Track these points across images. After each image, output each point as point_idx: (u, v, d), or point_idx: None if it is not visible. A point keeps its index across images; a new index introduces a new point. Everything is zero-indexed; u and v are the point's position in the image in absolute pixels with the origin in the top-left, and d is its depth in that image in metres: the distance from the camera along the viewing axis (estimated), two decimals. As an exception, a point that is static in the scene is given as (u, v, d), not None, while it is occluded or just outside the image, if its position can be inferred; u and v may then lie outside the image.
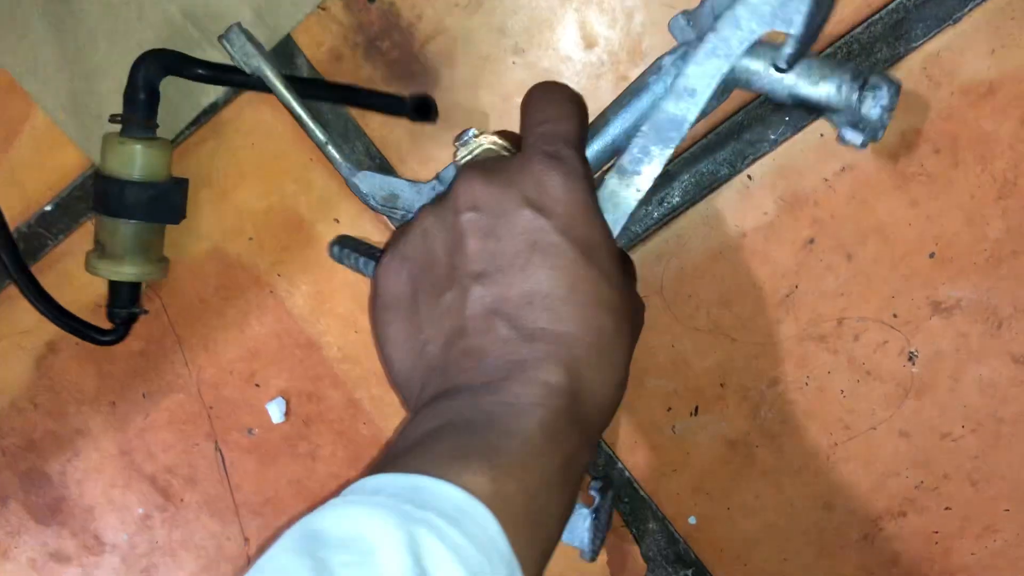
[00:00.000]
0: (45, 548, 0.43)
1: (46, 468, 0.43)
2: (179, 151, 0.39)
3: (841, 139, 0.30)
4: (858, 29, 0.36)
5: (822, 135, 0.37)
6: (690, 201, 0.38)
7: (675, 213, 0.39)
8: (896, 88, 0.29)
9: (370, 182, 0.35)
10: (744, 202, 0.38)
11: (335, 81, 0.37)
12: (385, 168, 0.39)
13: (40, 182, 0.40)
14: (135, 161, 0.35)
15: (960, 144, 0.36)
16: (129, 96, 0.35)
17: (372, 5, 0.37)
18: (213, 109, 0.39)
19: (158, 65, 0.35)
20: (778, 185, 0.38)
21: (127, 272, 0.37)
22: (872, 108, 0.29)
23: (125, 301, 0.39)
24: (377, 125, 0.38)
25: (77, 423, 0.42)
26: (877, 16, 0.36)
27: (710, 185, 0.38)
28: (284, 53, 0.38)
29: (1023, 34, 0.35)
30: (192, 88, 0.37)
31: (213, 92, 0.38)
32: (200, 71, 0.35)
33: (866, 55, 0.36)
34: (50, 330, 0.40)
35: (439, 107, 0.38)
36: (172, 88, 0.37)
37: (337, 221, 0.39)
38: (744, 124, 0.37)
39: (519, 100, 0.32)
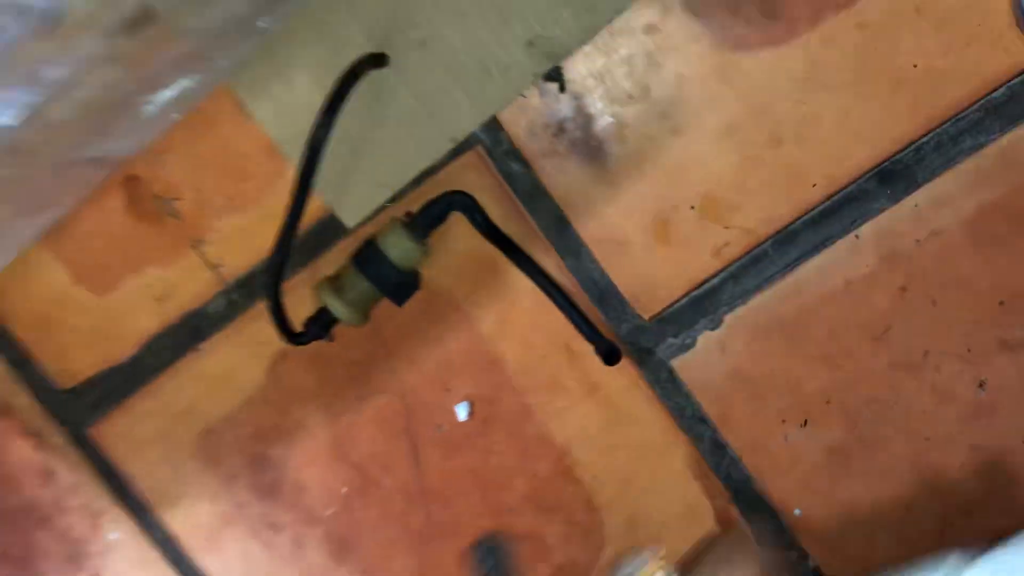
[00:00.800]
0: (264, 519, 0.53)
1: (269, 453, 0.53)
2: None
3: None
4: (947, 124, 0.46)
5: (916, 205, 0.47)
6: (808, 254, 0.48)
7: (795, 264, 0.48)
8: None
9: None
10: (851, 257, 0.48)
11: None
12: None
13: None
14: (405, 253, 0.45)
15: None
16: (428, 209, 0.46)
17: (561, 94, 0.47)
18: (431, 171, 0.49)
19: (460, 204, 0.46)
20: (880, 244, 0.47)
21: (343, 312, 0.47)
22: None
23: (325, 325, 0.49)
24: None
25: (298, 417, 0.52)
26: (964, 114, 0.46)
27: (824, 242, 0.48)
28: (489, 127, 0.48)
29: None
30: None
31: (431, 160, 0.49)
32: (483, 225, 0.46)
33: (952, 143, 0.46)
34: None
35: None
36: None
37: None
38: (854, 195, 0.47)
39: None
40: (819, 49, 0.45)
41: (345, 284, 0.46)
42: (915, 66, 0.45)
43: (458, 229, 0.49)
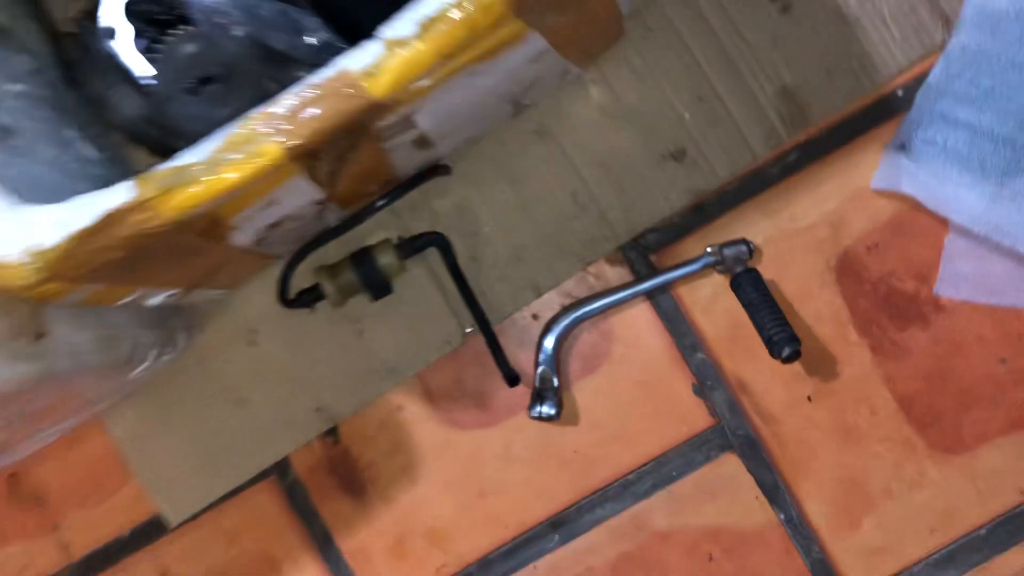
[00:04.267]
0: None
1: None
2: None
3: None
4: (600, 493, 0.66)
5: (575, 549, 0.66)
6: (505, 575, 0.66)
7: (492, 584, 0.66)
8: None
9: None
10: None
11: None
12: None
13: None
14: (389, 265, 0.62)
15: None
16: (414, 239, 0.64)
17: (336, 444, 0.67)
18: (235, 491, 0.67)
19: (439, 242, 0.65)
20: (550, 574, 0.66)
21: (331, 292, 0.63)
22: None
23: (314, 299, 0.64)
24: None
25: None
26: None
27: (512, 569, 0.66)
28: (281, 464, 0.67)
29: None
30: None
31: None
32: (451, 261, 0.66)
33: (600, 506, 0.66)
34: None
35: (366, 505, 0.67)
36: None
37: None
38: (535, 536, 0.66)
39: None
40: (512, 433, 0.66)
41: (339, 273, 0.63)
42: (575, 452, 0.66)
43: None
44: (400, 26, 0.40)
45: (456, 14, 0.40)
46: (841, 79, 0.64)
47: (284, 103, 0.40)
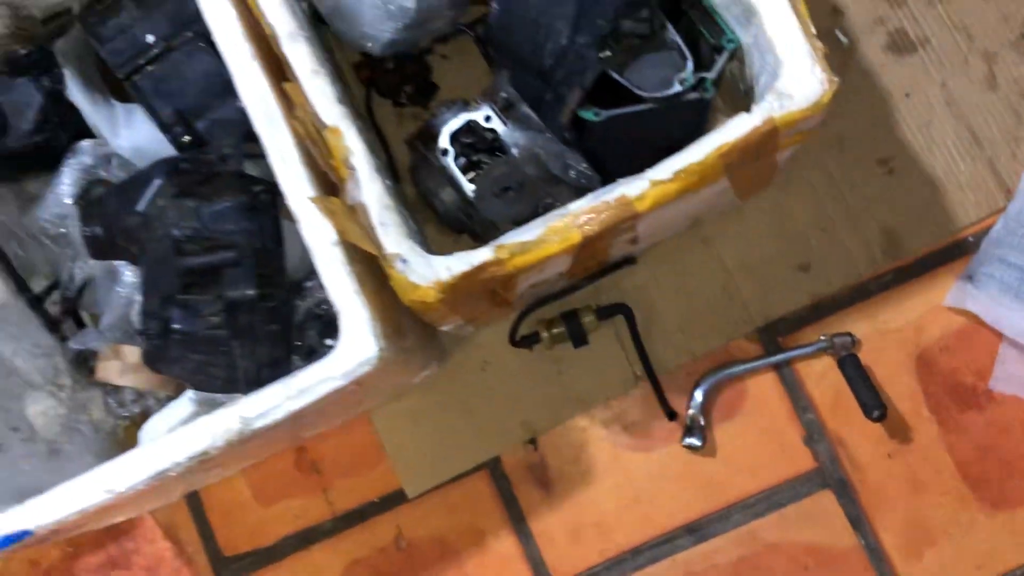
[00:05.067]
0: None
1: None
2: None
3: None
4: None
5: (707, 551, 0.89)
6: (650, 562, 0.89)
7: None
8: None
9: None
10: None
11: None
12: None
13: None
14: (588, 324, 0.89)
15: None
16: (607, 307, 0.90)
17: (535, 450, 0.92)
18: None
19: (625, 311, 0.90)
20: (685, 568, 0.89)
21: (546, 339, 0.89)
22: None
23: (533, 341, 0.90)
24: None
25: (352, 601, 0.91)
26: None
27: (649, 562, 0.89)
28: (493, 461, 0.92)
29: None
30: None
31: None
32: (633, 330, 0.90)
33: (726, 519, 0.89)
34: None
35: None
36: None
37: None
38: (672, 537, 0.90)
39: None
40: (666, 456, 0.90)
41: (553, 326, 0.88)
42: (711, 476, 0.90)
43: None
44: (661, 171, 0.67)
45: (694, 168, 0.66)
46: (928, 225, 0.90)
47: (586, 207, 0.67)
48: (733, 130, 0.66)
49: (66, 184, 0.80)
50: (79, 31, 0.82)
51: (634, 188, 0.67)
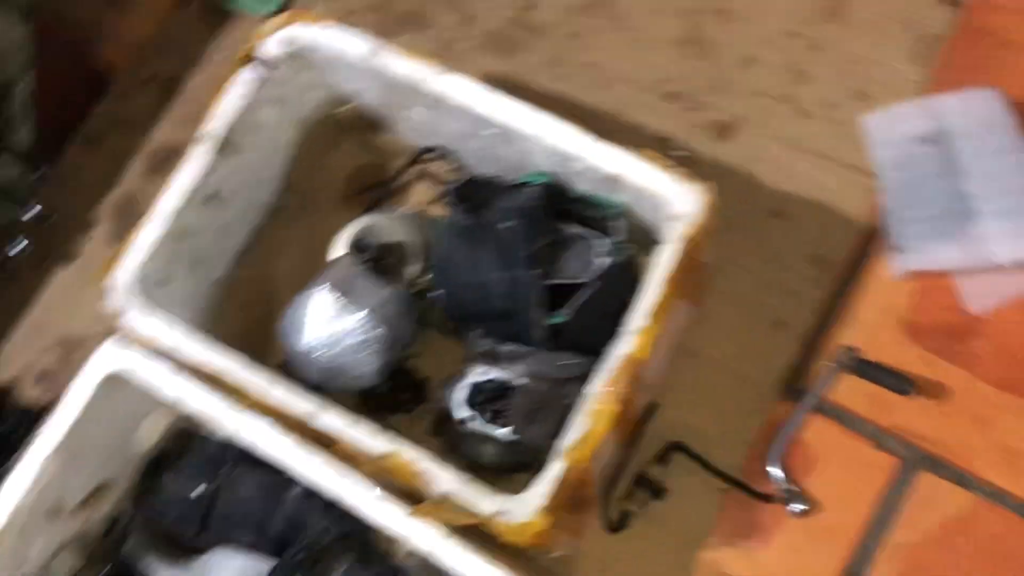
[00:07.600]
0: None
1: None
2: None
3: None
4: None
5: None
6: None
7: None
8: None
9: None
10: None
11: None
12: None
13: None
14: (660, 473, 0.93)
15: None
16: (673, 445, 0.95)
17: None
18: None
19: (684, 448, 0.96)
20: None
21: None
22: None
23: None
24: None
25: None
26: None
27: None
28: None
29: None
30: None
31: None
32: (699, 459, 0.96)
33: (870, 550, 0.97)
34: None
35: None
36: None
37: None
38: None
39: None
40: (779, 533, 0.98)
41: (632, 495, 0.93)
42: (826, 525, 0.98)
43: None
44: (636, 321, 0.80)
45: (658, 303, 0.80)
46: (837, 234, 1.06)
47: (603, 382, 0.79)
48: (666, 259, 0.81)
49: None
50: (138, 522, 0.93)
51: (626, 345, 0.80)
